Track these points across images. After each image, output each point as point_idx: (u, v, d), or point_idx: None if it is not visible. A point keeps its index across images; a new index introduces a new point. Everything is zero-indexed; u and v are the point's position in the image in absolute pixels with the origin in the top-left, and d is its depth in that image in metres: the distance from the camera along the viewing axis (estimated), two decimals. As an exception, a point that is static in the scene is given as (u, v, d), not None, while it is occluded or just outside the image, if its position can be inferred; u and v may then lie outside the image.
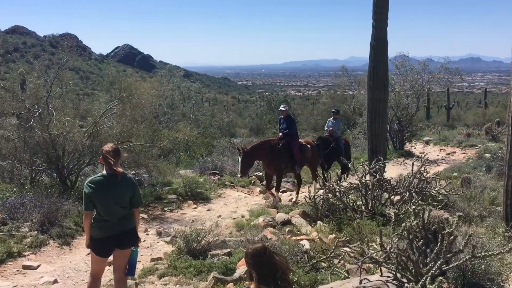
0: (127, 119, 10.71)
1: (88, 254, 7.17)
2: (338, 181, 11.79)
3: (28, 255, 7.06)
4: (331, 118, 13.31)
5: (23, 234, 7.58)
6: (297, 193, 11.45)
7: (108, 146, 4.52)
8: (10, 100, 10.99)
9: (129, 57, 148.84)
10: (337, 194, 8.15)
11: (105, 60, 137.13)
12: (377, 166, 8.45)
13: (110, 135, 10.59)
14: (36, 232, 7.69)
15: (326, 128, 13.24)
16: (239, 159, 10.14)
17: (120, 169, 4.44)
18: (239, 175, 10.76)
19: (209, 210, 10.67)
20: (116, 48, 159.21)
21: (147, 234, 8.51)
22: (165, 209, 10.47)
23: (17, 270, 6.60)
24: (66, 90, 12.93)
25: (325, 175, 11.39)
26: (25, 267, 6.68)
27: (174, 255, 6.46)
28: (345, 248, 6.11)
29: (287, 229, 7.61)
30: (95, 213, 4.44)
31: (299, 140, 11.27)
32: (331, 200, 8.20)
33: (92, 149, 10.50)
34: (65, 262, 7.03)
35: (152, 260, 6.94)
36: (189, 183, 11.46)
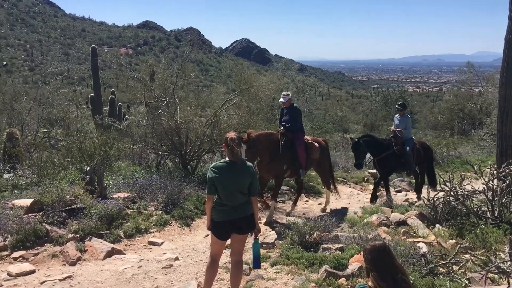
0: (245, 110, 11.10)
1: (206, 236, 7.64)
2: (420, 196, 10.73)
3: (153, 232, 7.68)
4: (396, 115, 10.98)
5: (149, 213, 8.27)
6: (295, 203, 9.99)
7: (232, 134, 4.70)
8: (141, 89, 12.00)
9: (246, 50, 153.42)
10: (460, 197, 7.64)
11: (224, 53, 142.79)
12: (507, 170, 7.76)
13: (229, 125, 11.06)
14: (160, 211, 8.34)
15: (392, 128, 10.90)
16: (243, 149, 8.00)
17: (242, 157, 4.63)
18: None
19: (320, 204, 10.66)
20: (234, 42, 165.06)
21: (259, 223, 8.75)
22: (277, 200, 10.67)
23: (144, 245, 7.22)
24: (187, 82, 13.75)
25: (376, 188, 10.37)
26: (151, 243, 7.30)
27: (286, 245, 6.57)
28: (466, 255, 5.74)
29: (402, 230, 7.33)
30: (217, 197, 4.65)
31: (305, 137, 9.46)
32: (453, 203, 7.71)
33: (211, 137, 11.08)
34: (185, 242, 7.53)
35: (265, 247, 7.13)
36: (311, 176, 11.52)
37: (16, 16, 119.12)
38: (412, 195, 11.38)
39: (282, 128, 9.03)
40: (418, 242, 6.58)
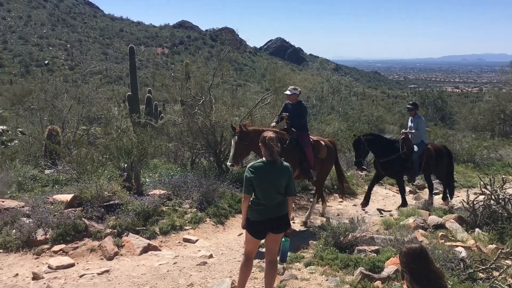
0: (279, 109, 11.07)
1: (240, 234, 7.67)
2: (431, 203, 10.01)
3: (188, 229, 7.77)
4: (410, 117, 10.30)
5: (184, 210, 8.36)
6: (323, 211, 9.41)
7: (270, 133, 4.73)
8: (178, 88, 12.16)
9: (280, 50, 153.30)
10: (501, 201, 7.39)
11: (258, 53, 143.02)
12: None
13: (263, 124, 11.07)
14: (195, 209, 8.42)
15: (402, 131, 10.19)
16: (234, 140, 7.59)
17: (279, 157, 4.63)
18: (229, 163, 7.75)
19: (354, 205, 10.53)
20: (269, 41, 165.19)
21: (293, 222, 8.73)
22: (311, 200, 10.61)
23: (179, 242, 7.31)
24: (222, 81, 13.84)
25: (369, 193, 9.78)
26: (185, 240, 7.38)
27: (321, 245, 6.52)
28: (508, 261, 5.56)
29: (440, 233, 7.16)
30: (253, 196, 4.66)
31: (310, 137, 8.76)
32: (493, 207, 7.46)
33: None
34: (219, 240, 7.58)
35: (298, 248, 7.10)
36: (335, 176, 11.42)
37: (58, 17, 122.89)
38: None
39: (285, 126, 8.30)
40: (457, 246, 6.41)
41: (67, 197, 7.76)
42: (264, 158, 4.69)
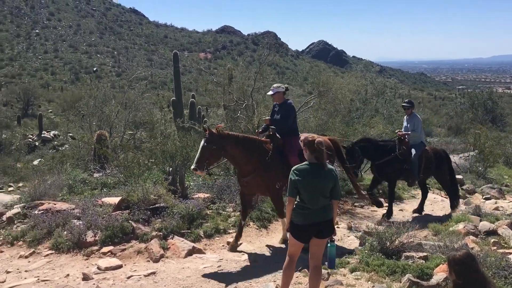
0: (323, 113, 11.00)
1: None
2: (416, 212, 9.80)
3: (232, 233, 7.79)
4: (405, 116, 9.78)
5: (228, 214, 8.41)
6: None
7: (317, 137, 4.69)
8: (220, 93, 12.29)
9: (323, 52, 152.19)
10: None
11: (300, 56, 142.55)
12: None
13: (306, 127, 11.02)
14: (238, 213, 8.43)
15: (398, 132, 9.57)
16: (201, 143, 6.76)
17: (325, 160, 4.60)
18: (191, 167, 6.88)
19: (401, 210, 10.28)
20: (311, 44, 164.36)
21: (337, 227, 8.60)
22: (356, 204, 10.45)
23: (223, 245, 7.35)
24: (263, 84, 13.90)
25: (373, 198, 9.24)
26: (229, 244, 7.40)
27: (366, 251, 6.40)
28: None
29: (492, 240, 6.88)
30: (298, 200, 4.62)
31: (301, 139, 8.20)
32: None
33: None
34: (262, 244, 7.57)
35: (343, 253, 6.99)
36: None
37: (105, 25, 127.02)
38: (503, 203, 10.60)
39: (268, 130, 7.31)
40: (510, 253, 6.15)
41: (115, 200, 7.98)
42: (308, 161, 4.66)
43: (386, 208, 9.60)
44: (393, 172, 9.18)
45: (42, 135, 32.39)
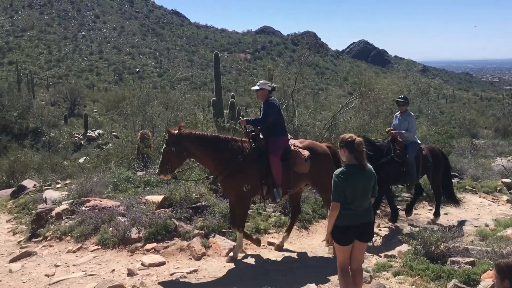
0: (365, 113, 10.85)
1: (323, 240, 7.58)
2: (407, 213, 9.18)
3: (272, 233, 7.82)
4: (397, 113, 9.05)
5: (268, 214, 8.43)
6: (288, 231, 7.38)
7: (356, 137, 4.60)
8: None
9: (363, 52, 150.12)
10: None
11: (340, 56, 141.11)
12: None
13: (347, 128, 10.90)
14: (279, 213, 8.46)
15: (389, 130, 8.89)
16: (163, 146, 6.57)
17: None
18: (156, 171, 6.98)
19: (446, 214, 9.99)
20: (351, 44, 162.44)
21: (379, 230, 8.48)
22: (398, 207, 10.22)
23: (263, 245, 7.36)
24: (303, 85, 13.83)
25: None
26: (270, 244, 7.43)
27: (410, 255, 6.26)
28: None
29: (543, 247, 6.58)
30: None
31: (291, 140, 6.92)
32: None
33: (330, 141, 10.97)
34: (303, 245, 7.54)
35: (386, 256, 6.88)
36: (424, 183, 10.90)
37: (148, 27, 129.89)
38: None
39: (249, 129, 6.81)
40: None
41: (158, 198, 8.14)
42: (346, 162, 4.61)
43: (434, 209, 9.36)
44: (390, 176, 8.29)
45: (87, 134, 33.50)
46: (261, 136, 6.72)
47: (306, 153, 6.70)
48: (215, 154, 6.51)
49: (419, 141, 8.88)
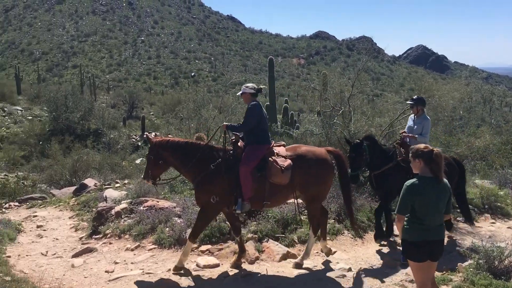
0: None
1: (378, 250, 7.41)
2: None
3: (327, 240, 7.71)
4: (412, 114, 8.14)
5: (322, 221, 8.33)
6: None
7: (433, 148, 4.37)
8: (316, 99, 12.25)
9: (421, 58, 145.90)
10: None
11: (397, 61, 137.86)
12: None
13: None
14: (333, 220, 8.34)
15: (402, 133, 8.06)
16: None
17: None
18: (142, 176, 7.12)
19: (509, 227, 9.49)
20: (409, 49, 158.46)
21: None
22: (458, 218, 9.83)
23: (317, 252, 7.29)
24: (358, 91, 13.60)
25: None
26: (322, 251, 7.32)
27: (471, 269, 6.00)
28: None
29: None
30: (410, 216, 4.32)
31: (278, 148, 6.42)
32: None
33: (387, 149, 10.73)
34: (357, 253, 7.39)
35: (445, 269, 6.62)
36: (487, 194, 10.43)
37: (204, 32, 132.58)
38: None
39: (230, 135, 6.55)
40: None
41: (213, 200, 8.24)
42: (419, 174, 4.34)
43: (492, 223, 8.90)
44: (395, 184, 7.18)
45: (144, 135, 34.59)
46: (239, 144, 6.35)
47: (285, 163, 6.10)
48: (187, 162, 6.25)
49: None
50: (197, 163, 6.18)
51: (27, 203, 12.13)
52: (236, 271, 6.30)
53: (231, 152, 6.27)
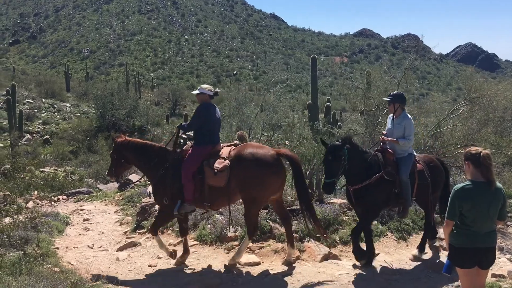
0: (474, 121, 10.14)
1: (424, 254, 7.20)
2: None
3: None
4: (391, 114, 6.85)
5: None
6: (290, 243, 6.47)
7: (481, 149, 4.17)
8: (360, 98, 12.04)
9: (470, 56, 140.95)
10: None
11: (444, 59, 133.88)
12: None
13: (453, 136, 10.27)
14: (376, 222, 8.16)
15: (381, 137, 6.91)
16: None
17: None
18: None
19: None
20: (457, 47, 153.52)
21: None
22: (508, 223, 9.43)
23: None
24: (403, 90, 13.25)
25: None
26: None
27: (523, 277, 5.73)
28: None
29: None
30: (459, 222, 4.17)
31: (226, 149, 6.29)
32: None
33: (433, 149, 10.42)
34: (401, 256, 7.22)
35: (493, 276, 6.36)
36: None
37: (246, 30, 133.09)
38: None
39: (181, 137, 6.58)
40: None
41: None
42: (471, 178, 4.14)
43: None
44: (377, 201, 6.40)
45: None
46: (186, 146, 6.52)
47: (221, 165, 6.01)
48: (145, 163, 6.57)
49: (414, 152, 6.82)
50: (154, 165, 6.41)
51: (75, 197, 12.59)
52: (276, 270, 6.28)
53: (178, 154, 6.38)
